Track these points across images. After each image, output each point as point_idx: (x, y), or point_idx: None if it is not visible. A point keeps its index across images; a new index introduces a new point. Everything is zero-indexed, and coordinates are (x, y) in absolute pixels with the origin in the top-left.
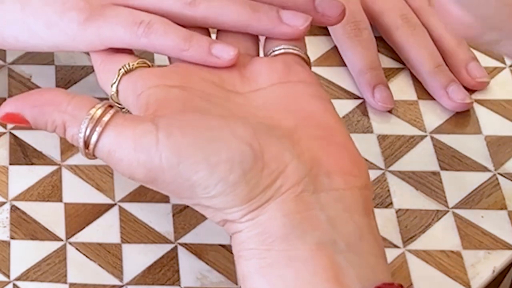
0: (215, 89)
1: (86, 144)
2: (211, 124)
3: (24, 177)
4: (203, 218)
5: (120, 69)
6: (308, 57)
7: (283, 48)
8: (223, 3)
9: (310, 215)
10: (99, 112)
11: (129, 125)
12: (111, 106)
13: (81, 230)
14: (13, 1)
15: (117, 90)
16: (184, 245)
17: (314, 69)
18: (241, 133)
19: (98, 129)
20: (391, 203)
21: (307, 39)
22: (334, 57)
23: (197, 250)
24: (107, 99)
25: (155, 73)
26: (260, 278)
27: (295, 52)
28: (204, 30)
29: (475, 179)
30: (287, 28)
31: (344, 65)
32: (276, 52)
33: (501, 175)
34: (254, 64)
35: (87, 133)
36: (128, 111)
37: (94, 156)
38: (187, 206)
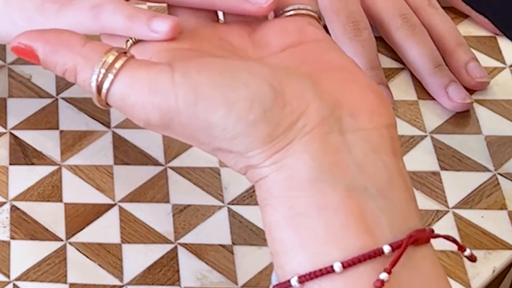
0: (228, 55)
1: (99, 89)
2: (229, 64)
3: (24, 177)
4: (203, 218)
5: (128, 40)
6: (320, 15)
7: (293, 10)
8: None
9: (338, 158)
10: (112, 57)
11: (144, 68)
12: (125, 53)
13: (81, 230)
14: None
15: None
16: (184, 245)
17: None
18: (260, 72)
19: (111, 74)
20: None
21: None
22: None
23: (197, 250)
24: None
25: (163, 41)
26: (288, 229)
27: (306, 12)
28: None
29: (475, 179)
30: (251, 5)
31: None
32: (287, 14)
33: (501, 175)
34: (265, 29)
35: (100, 78)
36: None
37: (107, 104)
38: (187, 206)
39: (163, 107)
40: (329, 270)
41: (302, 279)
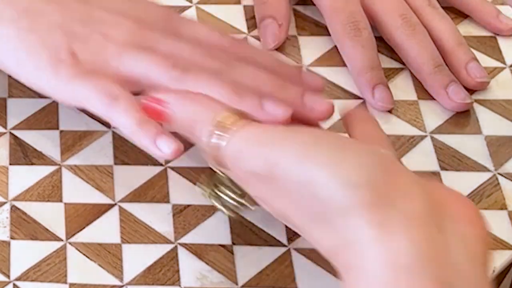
0: None
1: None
2: (343, 141)
3: (24, 177)
4: (203, 218)
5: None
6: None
7: None
8: (209, 83)
9: (437, 252)
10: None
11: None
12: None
13: (81, 230)
14: (11, 25)
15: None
16: (184, 245)
17: (314, 69)
18: (372, 150)
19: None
20: None
21: (307, 39)
22: (334, 57)
23: (197, 250)
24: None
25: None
26: None
27: None
28: None
29: (475, 179)
30: (266, 115)
31: (344, 65)
32: None
33: (501, 175)
34: None
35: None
36: None
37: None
38: (187, 206)
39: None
40: None
41: None
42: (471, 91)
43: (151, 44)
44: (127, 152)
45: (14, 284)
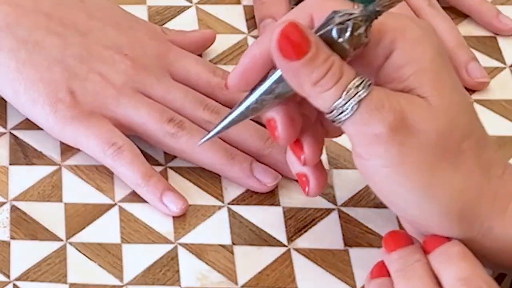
0: None
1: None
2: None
3: (24, 177)
4: (203, 218)
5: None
6: None
7: None
8: (202, 145)
9: None
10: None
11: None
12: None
13: (81, 230)
14: (10, 55)
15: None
16: (184, 245)
17: None
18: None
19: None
20: None
21: None
22: None
23: (197, 250)
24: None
25: None
26: None
27: None
28: None
29: None
30: (256, 183)
31: None
32: None
33: None
34: None
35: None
36: None
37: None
38: (187, 206)
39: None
40: None
41: None
42: (471, 91)
43: (147, 89)
44: None
45: (14, 284)
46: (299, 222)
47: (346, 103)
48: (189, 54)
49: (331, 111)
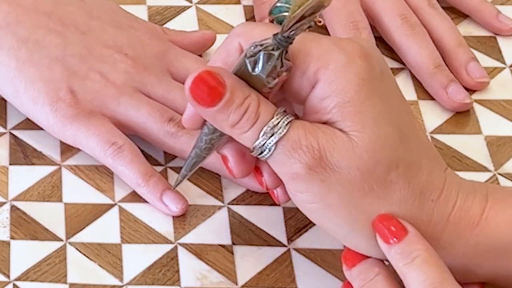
0: None
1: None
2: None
3: (24, 177)
4: (203, 218)
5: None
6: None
7: None
8: None
9: None
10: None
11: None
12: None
13: (81, 230)
14: (10, 54)
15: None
16: (184, 245)
17: None
18: None
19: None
20: None
21: None
22: None
23: (197, 250)
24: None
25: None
26: None
27: None
28: None
29: (475, 179)
30: (250, 181)
31: None
32: None
33: (501, 175)
34: None
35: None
36: None
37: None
38: (187, 206)
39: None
40: None
41: None
42: (471, 91)
43: (147, 89)
44: None
45: (14, 284)
46: (299, 222)
47: (264, 143)
48: (189, 53)
49: (252, 151)
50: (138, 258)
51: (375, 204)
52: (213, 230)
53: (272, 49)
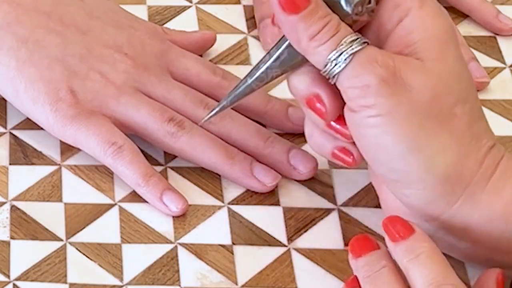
0: None
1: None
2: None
3: (24, 177)
4: (203, 218)
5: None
6: None
7: None
8: (202, 143)
9: None
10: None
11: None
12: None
13: (81, 230)
14: (11, 53)
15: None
16: (184, 245)
17: None
18: None
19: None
20: None
21: None
22: None
23: (197, 250)
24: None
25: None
26: None
27: None
28: None
29: None
30: (256, 183)
31: None
32: None
33: None
34: None
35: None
36: None
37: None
38: (187, 206)
39: None
40: None
41: None
42: None
43: (147, 88)
44: None
45: (14, 284)
46: (299, 222)
47: (340, 55)
48: (189, 53)
49: (326, 65)
50: (138, 258)
51: (435, 130)
52: (213, 230)
53: None
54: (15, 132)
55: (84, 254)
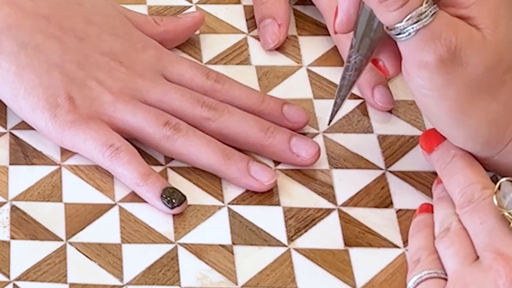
0: None
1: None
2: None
3: (24, 177)
4: (203, 218)
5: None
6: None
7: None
8: (198, 145)
9: None
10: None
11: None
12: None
13: (81, 230)
14: (10, 58)
15: None
16: (184, 245)
17: (314, 69)
18: None
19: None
20: (391, 203)
21: (307, 39)
22: (334, 57)
23: (197, 250)
24: None
25: None
26: None
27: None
28: None
29: None
30: (253, 182)
31: None
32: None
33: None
34: None
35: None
36: None
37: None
38: (187, 206)
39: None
40: None
41: None
42: None
43: (143, 95)
44: None
45: (14, 284)
46: (299, 222)
47: (406, 27)
48: (183, 58)
49: (391, 29)
50: (138, 258)
51: (486, 100)
52: (213, 230)
53: None
54: (15, 132)
55: (84, 254)
